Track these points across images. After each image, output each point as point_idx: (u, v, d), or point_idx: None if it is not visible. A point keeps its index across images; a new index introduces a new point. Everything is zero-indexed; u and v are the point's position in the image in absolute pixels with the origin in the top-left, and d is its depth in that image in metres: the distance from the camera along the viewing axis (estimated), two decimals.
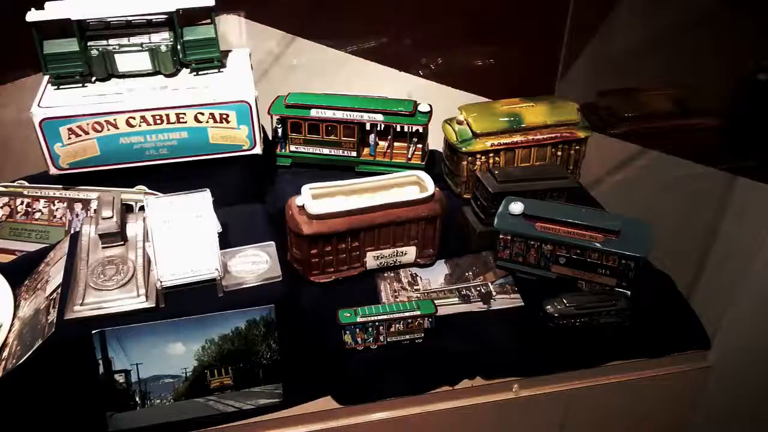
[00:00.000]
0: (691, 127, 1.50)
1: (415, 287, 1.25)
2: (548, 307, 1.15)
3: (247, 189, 1.35)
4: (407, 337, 1.13)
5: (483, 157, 1.37)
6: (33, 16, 1.18)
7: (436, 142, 1.50)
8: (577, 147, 1.42)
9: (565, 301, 1.15)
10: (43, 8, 1.20)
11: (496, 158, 1.38)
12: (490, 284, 1.26)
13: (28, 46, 1.79)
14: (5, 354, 1.08)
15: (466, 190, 1.41)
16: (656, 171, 1.53)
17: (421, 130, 1.39)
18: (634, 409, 1.23)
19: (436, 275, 1.28)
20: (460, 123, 1.39)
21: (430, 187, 1.23)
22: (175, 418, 1.05)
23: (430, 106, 1.40)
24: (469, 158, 1.37)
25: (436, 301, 1.16)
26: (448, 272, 1.28)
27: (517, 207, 1.21)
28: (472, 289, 1.24)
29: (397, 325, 1.12)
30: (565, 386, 1.14)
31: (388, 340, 1.13)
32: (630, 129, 1.64)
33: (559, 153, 1.41)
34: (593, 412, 1.21)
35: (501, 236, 1.23)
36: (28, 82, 1.81)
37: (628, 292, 1.19)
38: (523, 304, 1.22)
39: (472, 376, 1.12)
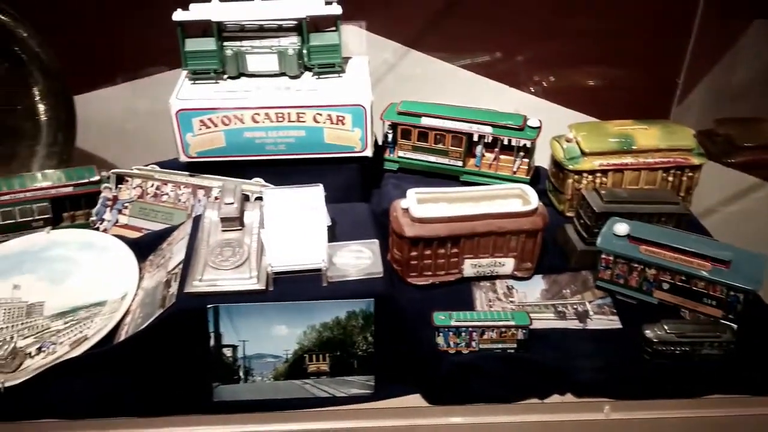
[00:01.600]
0: None
1: (511, 299, 1.26)
2: (648, 332, 1.12)
3: (354, 189, 1.41)
4: (500, 346, 1.14)
5: (590, 176, 1.37)
6: (179, 15, 1.30)
7: (541, 158, 1.50)
8: (690, 174, 1.38)
9: (666, 328, 1.12)
10: (188, 9, 1.32)
11: (604, 178, 1.37)
12: (587, 303, 1.24)
13: (163, 45, 1.95)
14: (128, 320, 1.18)
15: (569, 208, 1.41)
16: None
17: (528, 145, 1.40)
18: None
19: (532, 289, 1.28)
20: (569, 141, 1.39)
21: (534, 200, 1.24)
22: (272, 396, 1.11)
23: (540, 121, 1.41)
24: (576, 176, 1.37)
25: (530, 315, 1.16)
26: (544, 287, 1.28)
27: (622, 228, 1.20)
28: (569, 307, 1.24)
29: (491, 333, 1.13)
30: (660, 414, 1.11)
31: (480, 346, 1.14)
32: (748, 160, 1.58)
33: (671, 178, 1.38)
34: None
35: (603, 256, 1.22)
36: (162, 77, 1.98)
37: (735, 326, 1.14)
38: (621, 326, 1.20)
39: (562, 392, 1.11)
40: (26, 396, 1.08)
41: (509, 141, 1.40)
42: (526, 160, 1.43)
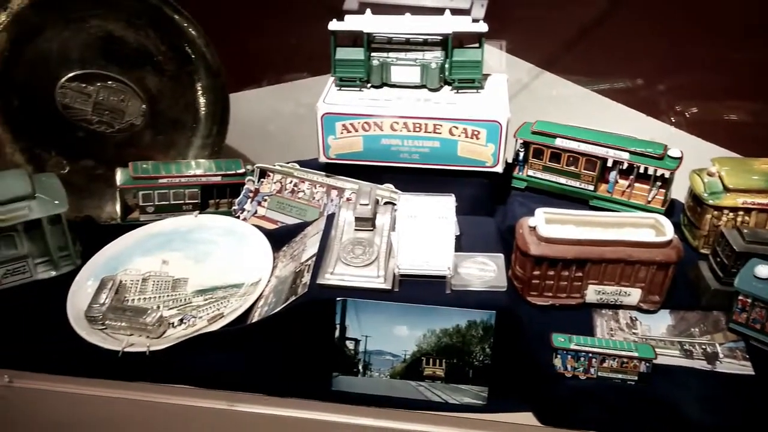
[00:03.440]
0: None
1: (633, 330, 1.23)
2: None
3: (481, 203, 1.43)
4: (619, 376, 1.12)
5: (731, 214, 1.31)
6: (334, 25, 1.39)
7: (676, 192, 1.45)
8: None
9: None
10: (342, 20, 1.40)
11: (746, 217, 1.30)
12: (717, 345, 1.19)
13: (306, 54, 2.06)
14: (260, 303, 1.27)
15: (704, 244, 1.35)
16: None
17: (667, 175, 1.36)
18: None
19: (657, 323, 1.24)
20: (710, 175, 1.34)
21: (669, 232, 1.20)
22: (387, 394, 1.15)
23: (681, 152, 1.36)
24: (715, 212, 1.31)
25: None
26: (671, 323, 1.23)
27: (765, 270, 1.14)
28: (697, 346, 1.19)
29: (611, 362, 1.11)
30: None
31: (599, 374, 1.12)
32: None
33: None
34: None
35: (740, 298, 1.16)
36: (304, 83, 2.11)
37: None
38: (753, 373, 1.13)
39: None
40: (167, 361, 1.18)
41: (645, 169, 1.37)
42: (663, 190, 1.39)
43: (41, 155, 1.51)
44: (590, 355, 1.11)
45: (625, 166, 1.39)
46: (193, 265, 1.38)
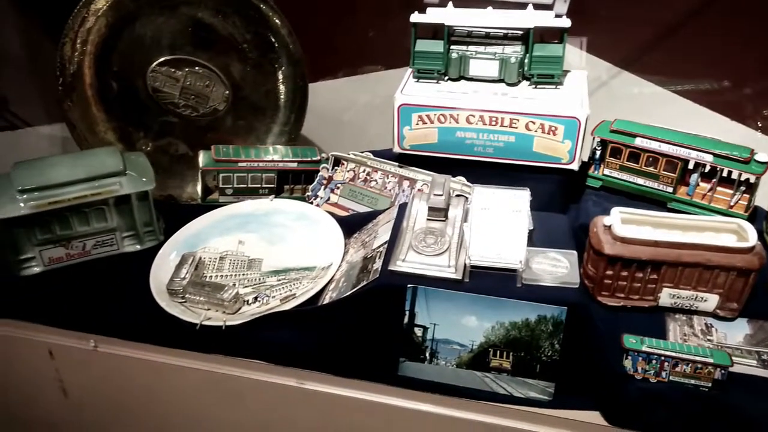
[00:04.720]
0: None
1: (708, 337, 1.19)
2: None
3: (553, 200, 1.41)
4: (692, 382, 1.09)
5: None
6: (415, 18, 1.40)
7: (760, 198, 1.40)
8: None
9: None
10: (424, 12, 1.41)
11: None
12: None
13: (382, 47, 2.08)
14: (331, 287, 1.30)
15: None
16: None
17: (752, 180, 1.31)
18: None
19: (734, 331, 1.20)
20: None
21: (752, 238, 1.16)
22: (452, 383, 1.16)
23: None
24: None
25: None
26: (749, 332, 1.20)
27: None
28: None
29: (684, 367, 1.09)
30: None
31: (671, 378, 1.10)
32: None
33: None
34: None
35: None
36: (379, 75, 2.13)
37: None
38: None
39: None
40: (242, 336, 1.23)
41: (729, 173, 1.33)
42: (747, 196, 1.34)
43: (131, 134, 1.60)
44: (663, 358, 1.09)
45: (708, 168, 1.35)
46: (267, 246, 1.43)
